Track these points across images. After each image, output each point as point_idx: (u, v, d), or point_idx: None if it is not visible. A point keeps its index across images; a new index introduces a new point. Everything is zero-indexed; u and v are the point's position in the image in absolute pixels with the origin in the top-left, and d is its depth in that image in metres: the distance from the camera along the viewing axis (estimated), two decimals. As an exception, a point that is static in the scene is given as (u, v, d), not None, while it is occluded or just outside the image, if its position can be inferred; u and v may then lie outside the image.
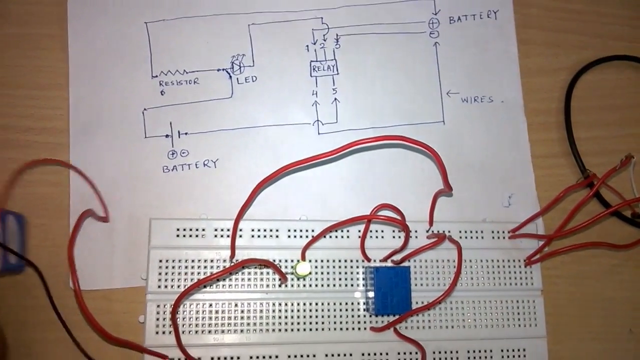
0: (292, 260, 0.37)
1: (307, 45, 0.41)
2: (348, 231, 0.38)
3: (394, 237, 0.38)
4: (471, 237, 0.39)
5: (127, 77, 0.40)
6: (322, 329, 0.37)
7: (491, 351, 0.38)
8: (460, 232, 0.39)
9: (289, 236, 0.37)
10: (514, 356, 0.38)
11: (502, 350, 0.38)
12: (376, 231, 0.38)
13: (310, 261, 0.37)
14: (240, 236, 0.37)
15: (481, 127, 0.42)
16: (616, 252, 0.41)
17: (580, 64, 0.44)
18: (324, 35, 0.42)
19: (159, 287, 0.36)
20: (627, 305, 0.41)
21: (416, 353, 0.37)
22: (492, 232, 0.39)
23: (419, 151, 0.39)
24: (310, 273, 0.37)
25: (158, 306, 0.35)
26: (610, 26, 0.46)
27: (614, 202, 0.40)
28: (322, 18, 0.42)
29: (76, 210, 0.37)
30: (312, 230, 0.37)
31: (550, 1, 0.45)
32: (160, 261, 0.36)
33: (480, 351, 0.38)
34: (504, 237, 0.39)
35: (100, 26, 0.40)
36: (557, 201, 0.36)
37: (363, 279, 0.37)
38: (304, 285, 0.37)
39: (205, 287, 0.36)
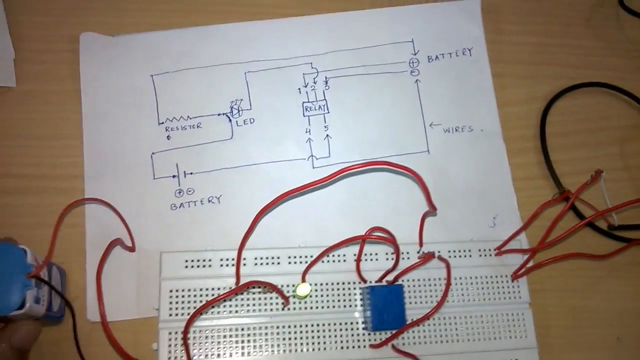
0: (293, 285, 0.39)
1: (299, 88, 0.45)
2: (344, 255, 0.41)
3: (387, 258, 0.41)
4: (460, 256, 0.42)
5: (136, 125, 0.43)
6: (325, 349, 0.39)
7: (485, 363, 0.40)
8: (449, 251, 0.42)
9: (289, 262, 0.40)
10: (506, 367, 0.40)
11: (495, 362, 0.40)
12: (370, 254, 0.41)
13: (310, 285, 0.40)
14: (244, 264, 0.39)
15: (464, 154, 0.45)
16: (599, 263, 0.44)
17: (552, 93, 0.48)
18: (314, 78, 0.45)
19: (170, 315, 0.38)
20: (613, 314, 0.43)
21: (414, 367, 0.39)
22: (479, 250, 0.42)
23: (404, 175, 0.42)
24: (310, 294, 0.39)
25: (170, 333, 0.38)
26: (578, 56, 0.49)
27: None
28: (311, 63, 0.46)
29: (92, 247, 0.40)
30: (311, 256, 0.40)
31: (520, 37, 0.49)
32: (171, 291, 0.38)
33: (474, 363, 0.40)
34: (490, 255, 0.42)
35: (110, 80, 0.44)
36: (535, 216, 0.39)
37: (360, 299, 0.40)
38: (306, 308, 0.39)
39: (213, 313, 0.38)
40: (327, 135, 0.45)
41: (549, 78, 0.48)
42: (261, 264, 0.40)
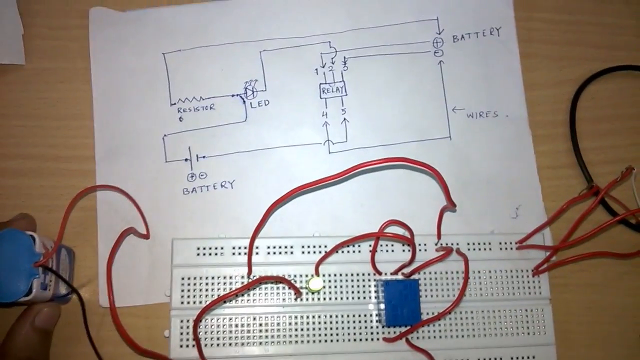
0: (306, 275, 0.39)
1: (316, 69, 0.43)
2: (359, 246, 0.40)
3: (403, 250, 0.40)
4: (479, 249, 0.40)
5: (147, 106, 0.42)
6: (337, 340, 0.38)
7: (501, 359, 0.39)
8: (468, 244, 0.40)
9: (303, 252, 0.39)
10: (524, 363, 0.39)
11: (512, 358, 0.39)
12: (386, 245, 0.40)
13: (324, 275, 0.39)
14: (257, 253, 0.39)
15: (487, 141, 0.43)
16: (622, 260, 0.42)
17: (584, 76, 0.45)
18: (332, 58, 0.43)
19: (182, 303, 0.38)
20: (635, 311, 0.42)
21: (428, 362, 0.38)
22: (500, 243, 0.41)
23: (422, 170, 0.40)
24: (323, 287, 0.38)
25: (181, 321, 0.37)
26: (613, 36, 0.46)
27: (620, 211, 0.41)
28: (329, 42, 0.44)
29: (105, 233, 0.40)
30: (325, 246, 0.39)
31: (552, 14, 0.46)
32: (183, 279, 0.38)
33: (490, 359, 0.39)
34: (511, 248, 0.41)
35: (120, 59, 0.42)
36: (561, 212, 0.37)
37: (375, 291, 0.39)
38: (319, 299, 0.39)
39: (225, 302, 0.38)
40: (345, 119, 0.43)
41: (581, 60, 0.46)
42: (274, 253, 0.39)
